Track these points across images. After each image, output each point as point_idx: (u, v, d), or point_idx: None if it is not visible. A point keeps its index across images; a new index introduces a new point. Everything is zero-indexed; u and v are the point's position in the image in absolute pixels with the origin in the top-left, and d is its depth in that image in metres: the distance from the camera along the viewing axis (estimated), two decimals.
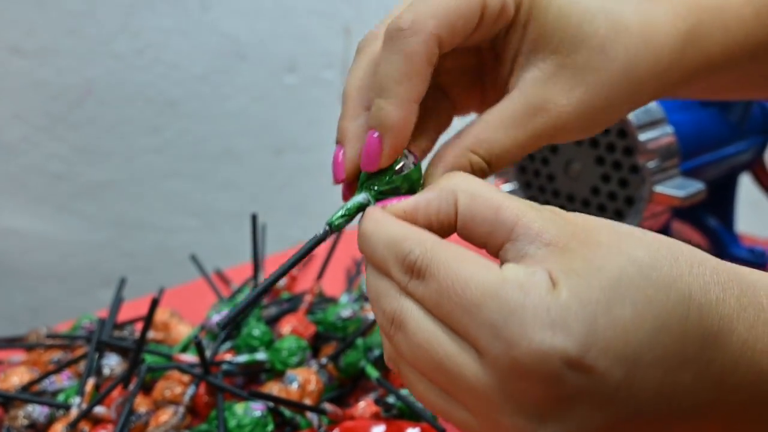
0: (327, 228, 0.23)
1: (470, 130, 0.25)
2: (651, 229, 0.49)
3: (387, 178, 0.23)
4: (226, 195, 1.09)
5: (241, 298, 0.46)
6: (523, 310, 0.17)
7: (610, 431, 0.18)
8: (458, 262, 0.19)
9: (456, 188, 0.21)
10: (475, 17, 0.24)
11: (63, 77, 0.97)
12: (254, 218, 0.46)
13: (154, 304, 0.37)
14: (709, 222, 0.58)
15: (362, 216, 0.23)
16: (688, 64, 0.28)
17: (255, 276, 0.47)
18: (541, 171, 0.51)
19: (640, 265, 0.18)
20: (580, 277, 0.18)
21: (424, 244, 0.20)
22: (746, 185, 0.63)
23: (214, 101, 1.04)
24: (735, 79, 0.32)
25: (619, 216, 0.48)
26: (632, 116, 0.44)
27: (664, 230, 0.51)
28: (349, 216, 0.23)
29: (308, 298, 0.45)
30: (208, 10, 1.01)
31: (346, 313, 0.43)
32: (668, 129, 0.46)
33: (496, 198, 0.20)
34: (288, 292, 0.51)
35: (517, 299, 0.18)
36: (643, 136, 0.44)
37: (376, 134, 0.23)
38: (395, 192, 0.24)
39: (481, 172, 0.25)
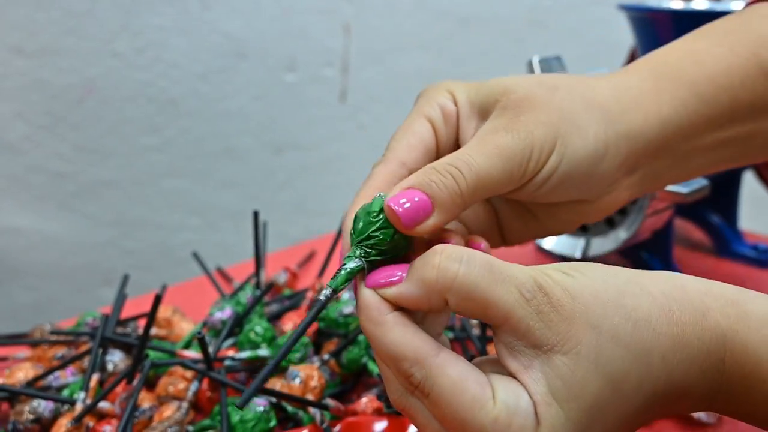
0: (331, 291, 0.24)
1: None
2: (654, 226, 0.49)
3: (380, 239, 0.24)
4: (227, 194, 1.09)
5: (243, 296, 0.46)
6: None
7: None
8: (457, 395, 0.21)
9: (443, 291, 0.22)
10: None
11: (64, 77, 0.97)
12: (256, 215, 0.46)
13: (157, 300, 0.37)
14: (713, 219, 0.59)
15: (358, 300, 0.24)
16: (669, 129, 0.30)
17: (257, 272, 0.48)
18: None
19: (613, 382, 0.21)
20: (561, 407, 0.21)
21: (422, 368, 0.22)
22: (749, 182, 0.63)
23: (214, 100, 1.05)
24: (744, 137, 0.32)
25: (621, 213, 0.49)
26: None
27: (667, 227, 0.51)
28: (350, 279, 0.24)
29: (310, 295, 0.46)
30: (208, 9, 1.01)
31: (347, 309, 0.43)
32: None
33: (484, 297, 0.21)
34: (290, 290, 0.52)
35: None
36: None
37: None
38: (391, 251, 0.24)
39: (456, 181, 0.25)
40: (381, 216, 0.24)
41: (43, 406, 0.37)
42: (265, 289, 0.45)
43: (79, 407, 0.36)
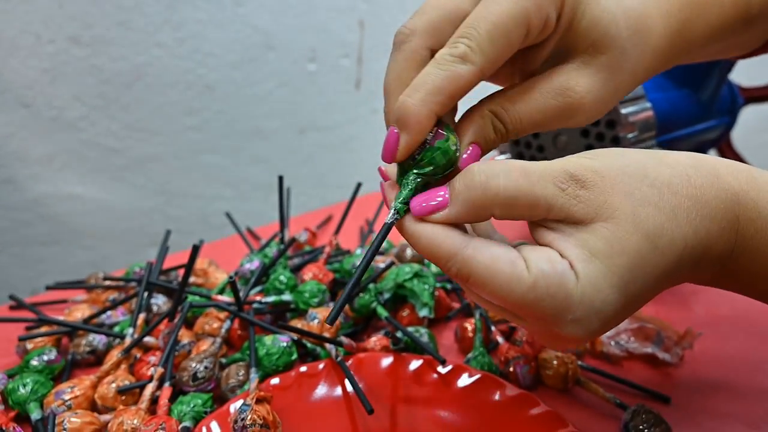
0: (396, 215, 0.22)
1: (494, 97, 0.24)
2: None
3: (423, 162, 0.22)
4: (256, 168, 1.09)
5: (269, 251, 0.46)
6: (553, 315, 0.20)
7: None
8: (492, 277, 0.20)
9: (490, 206, 0.21)
10: (521, 35, 0.23)
11: (115, 64, 0.96)
12: (281, 179, 0.46)
13: (195, 250, 0.37)
14: None
15: (403, 220, 0.22)
16: (675, 55, 0.28)
17: (281, 230, 0.47)
18: (532, 143, 0.50)
19: (650, 238, 0.20)
20: (602, 263, 0.20)
21: (457, 261, 0.21)
22: None
23: (245, 86, 1.04)
24: (724, 47, 0.31)
25: None
26: None
27: None
28: (408, 204, 0.22)
29: (327, 250, 0.45)
30: (240, 5, 1.00)
31: (359, 262, 0.43)
32: (647, 105, 0.45)
33: (527, 200, 0.20)
34: (309, 246, 0.51)
35: (548, 306, 0.20)
36: (624, 110, 0.43)
37: (395, 130, 0.22)
38: (435, 171, 0.22)
39: (500, 135, 0.24)
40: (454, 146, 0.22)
41: (98, 340, 0.37)
42: (288, 244, 0.45)
43: (128, 341, 0.36)
